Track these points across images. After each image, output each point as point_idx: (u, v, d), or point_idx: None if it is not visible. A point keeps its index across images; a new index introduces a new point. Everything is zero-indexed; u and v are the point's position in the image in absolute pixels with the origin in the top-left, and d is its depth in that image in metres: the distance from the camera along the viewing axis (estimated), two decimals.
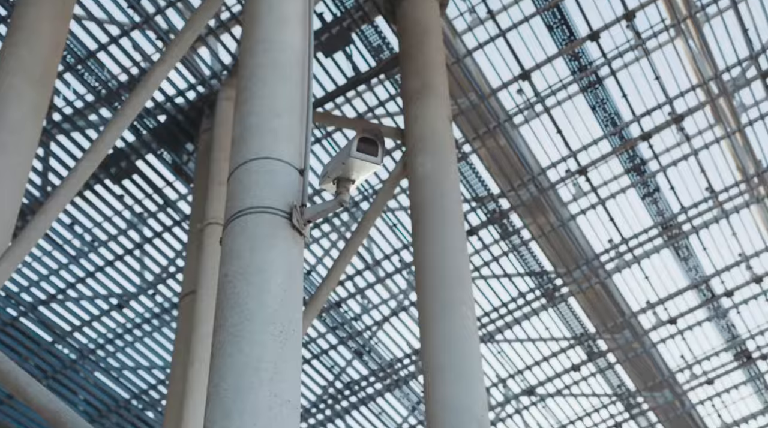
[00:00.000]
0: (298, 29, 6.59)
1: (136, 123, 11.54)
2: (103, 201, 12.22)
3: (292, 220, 5.50)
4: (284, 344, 4.96)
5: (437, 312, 7.88)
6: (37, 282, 13.06)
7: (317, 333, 14.48)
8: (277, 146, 5.82)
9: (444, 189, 8.72)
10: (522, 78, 12.48)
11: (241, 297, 5.11)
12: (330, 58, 11.62)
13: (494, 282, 14.64)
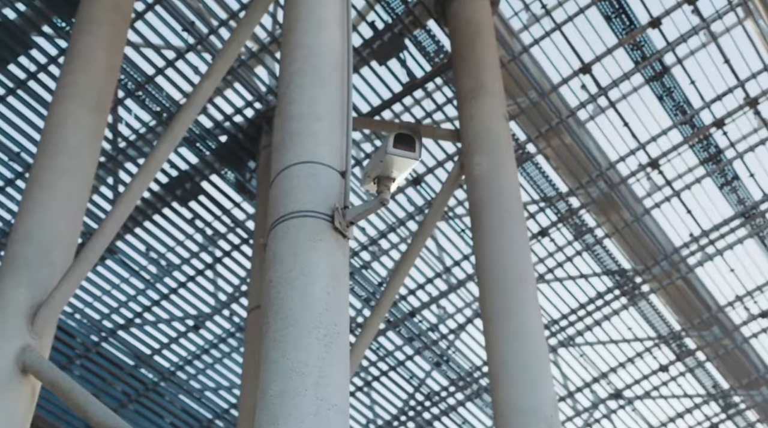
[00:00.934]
0: (337, 33, 6.55)
1: (198, 144, 11.67)
2: (173, 224, 12.37)
3: (335, 223, 5.43)
4: (329, 347, 4.88)
5: (500, 312, 7.70)
6: (116, 309, 13.29)
7: (394, 345, 14.37)
8: (317, 150, 5.77)
9: (501, 187, 8.53)
10: (582, 72, 12.18)
11: (285, 302, 5.06)
12: (384, 65, 11.55)
13: (570, 284, 14.29)
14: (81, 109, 8.23)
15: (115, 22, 9.18)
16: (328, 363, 4.81)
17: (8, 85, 10.78)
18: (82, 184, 7.72)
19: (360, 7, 11.45)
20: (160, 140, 7.44)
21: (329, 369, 4.80)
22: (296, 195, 5.53)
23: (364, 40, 11.38)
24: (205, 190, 12.05)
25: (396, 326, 14.05)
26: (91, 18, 9.14)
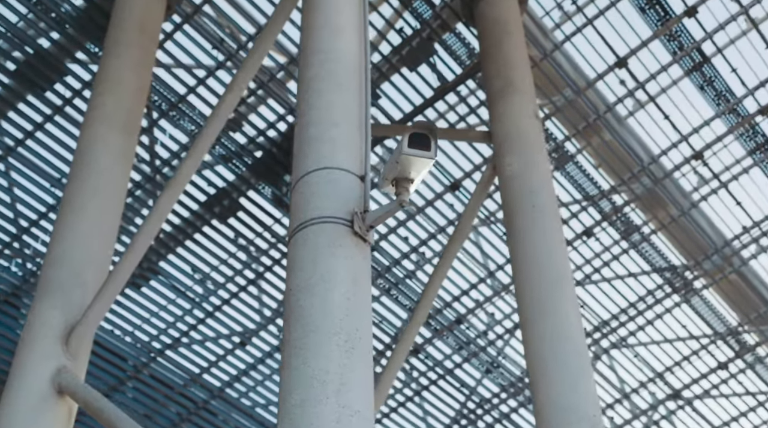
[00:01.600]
0: (354, 38, 6.51)
1: (234, 161, 11.72)
2: (214, 242, 12.43)
3: (354, 227, 5.36)
4: (351, 353, 4.80)
5: (537, 312, 7.55)
6: (165, 330, 13.37)
7: (443, 354, 14.23)
8: (335, 155, 5.72)
9: (533, 186, 8.38)
10: (618, 66, 11.96)
11: (305, 309, 4.99)
12: (415, 71, 11.47)
13: (619, 284, 14.01)
14: (110, 130, 8.30)
15: (142, 44, 9.27)
16: (349, 370, 4.73)
17: (46, 112, 10.93)
18: (114, 204, 7.78)
19: (388, 16, 11.42)
20: (187, 155, 7.45)
21: (351, 375, 4.71)
22: (315, 201, 5.48)
23: (393, 47, 11.32)
24: (243, 205, 12.08)
25: (443, 334, 13.91)
26: (118, 41, 9.24)
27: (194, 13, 10.50)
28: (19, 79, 10.74)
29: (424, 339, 14.02)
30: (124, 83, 8.75)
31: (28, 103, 10.91)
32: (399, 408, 14.65)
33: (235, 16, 10.80)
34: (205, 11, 10.62)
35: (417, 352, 14.11)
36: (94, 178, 7.83)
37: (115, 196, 7.80)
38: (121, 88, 8.69)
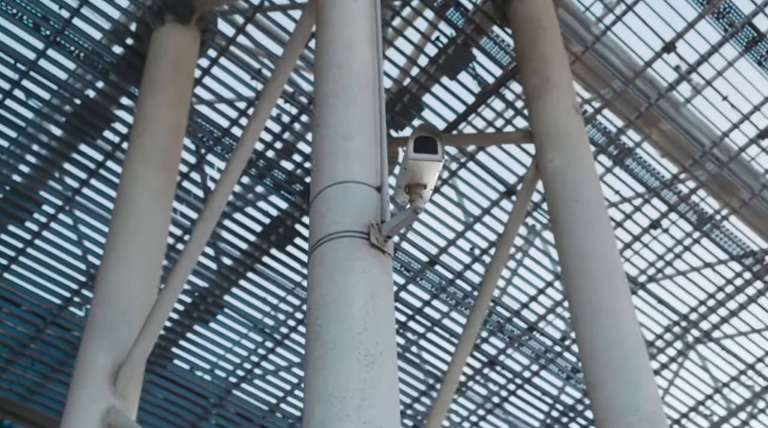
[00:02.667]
0: (367, 50, 6.43)
1: (284, 189, 11.75)
2: (275, 271, 12.47)
3: (371, 239, 5.24)
4: (371, 367, 4.68)
5: (588, 309, 7.27)
6: (240, 364, 13.44)
7: (521, 365, 13.94)
8: (350, 169, 5.63)
9: (576, 181, 8.13)
10: (666, 51, 11.58)
11: (323, 327, 4.90)
12: (455, 80, 11.33)
13: (695, 276, 13.50)
14: (149, 169, 8.41)
15: (177, 82, 9.40)
16: (370, 385, 4.60)
17: (97, 159, 11.16)
18: (156, 242, 7.85)
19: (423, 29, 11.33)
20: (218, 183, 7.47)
21: (372, 390, 4.59)
22: (331, 217, 5.39)
23: (430, 58, 11.22)
24: (300, 232, 12.09)
25: (516, 343, 13.63)
26: (153, 81, 9.40)
27: (228, 46, 10.59)
28: (71, 131, 10.99)
29: (498, 350, 13.76)
30: (160, 122, 8.87)
31: (81, 153, 11.15)
32: (481, 422, 14.39)
33: (270, 44, 10.86)
34: (240, 43, 10.70)
35: (493, 364, 13.86)
36: (135, 217, 7.92)
37: (157, 233, 7.87)
38: (158, 126, 8.81)
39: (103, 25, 10.38)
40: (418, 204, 5.24)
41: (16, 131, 10.93)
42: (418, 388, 13.97)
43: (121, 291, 7.38)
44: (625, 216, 12.74)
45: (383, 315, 5.00)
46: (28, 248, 11.68)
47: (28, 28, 10.25)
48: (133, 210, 8.04)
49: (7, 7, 10.07)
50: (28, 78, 10.46)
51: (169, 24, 9.97)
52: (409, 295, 13.14)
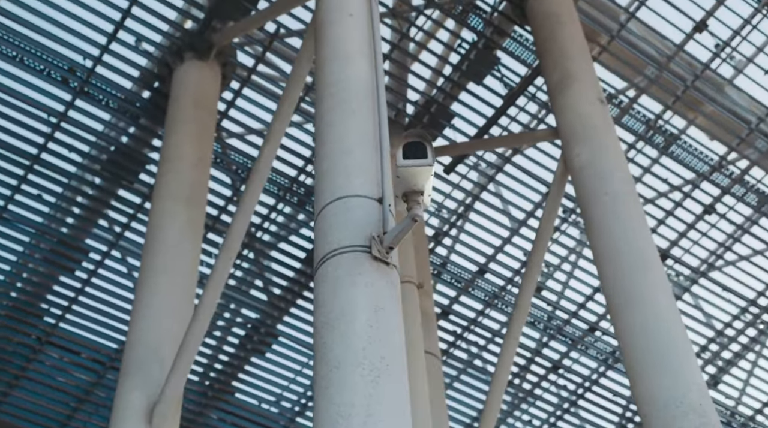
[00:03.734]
0: (365, 64, 6.35)
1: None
2: None
3: (373, 252, 5.14)
4: (376, 383, 4.56)
5: (624, 302, 7.03)
6: (303, 393, 13.43)
7: (589, 369, 13.61)
8: (350, 183, 5.54)
9: (604, 172, 7.90)
10: (698, 31, 11.25)
11: (327, 345, 4.81)
12: (482, 85, 11.19)
13: (758, 259, 13.01)
14: (175, 205, 8.47)
15: (199, 118, 9.48)
16: (376, 401, 4.49)
17: (136, 202, 11.30)
18: (186, 277, 7.87)
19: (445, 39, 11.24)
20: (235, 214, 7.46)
21: (378, 406, 4.47)
22: (332, 234, 5.31)
23: (453, 65, 11.11)
24: None
25: (579, 345, 13.31)
26: (176, 118, 9.50)
27: (249, 76, 10.65)
28: (109, 178, 11.16)
29: (561, 354, 13.47)
30: (184, 158, 8.94)
31: (119, 198, 11.32)
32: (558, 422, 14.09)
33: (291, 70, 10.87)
34: (261, 71, 10.75)
35: (556, 369, 13.56)
36: (163, 254, 7.97)
37: (186, 268, 7.89)
38: (181, 163, 8.88)
39: (129, 71, 10.54)
40: (416, 211, 5.12)
41: (59, 185, 11.12)
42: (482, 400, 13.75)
43: (152, 328, 7.41)
44: (675, 205, 12.38)
45: (388, 328, 4.88)
46: (80, 296, 11.88)
47: (56, 81, 10.48)
48: (161, 247, 8.09)
49: (35, 63, 10.29)
50: (60, 130, 10.67)
51: (189, 61, 10.07)
52: (463, 307, 12.98)
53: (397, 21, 10.92)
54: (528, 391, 13.83)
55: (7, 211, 11.13)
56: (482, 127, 11.17)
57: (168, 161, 8.99)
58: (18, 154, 10.76)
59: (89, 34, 10.19)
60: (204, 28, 10.08)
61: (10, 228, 11.28)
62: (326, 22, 6.76)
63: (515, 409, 14.05)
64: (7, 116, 10.53)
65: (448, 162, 11.52)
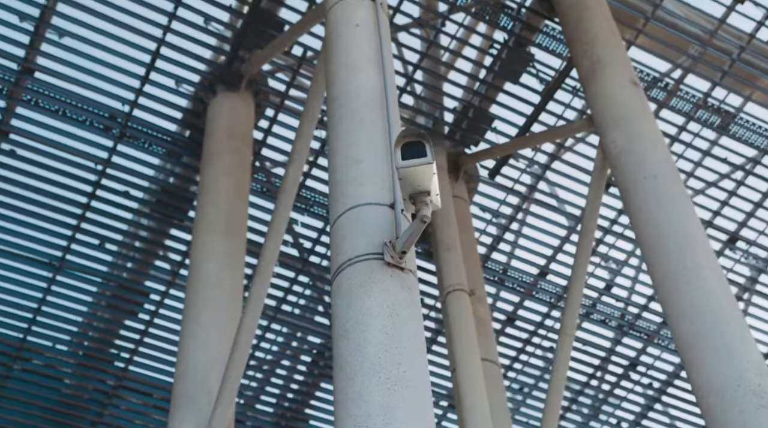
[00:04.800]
0: (373, 71, 6.28)
1: None
2: None
3: (385, 258, 5.02)
4: (393, 391, 4.44)
5: (671, 286, 6.73)
6: None
7: (672, 364, 13.16)
8: (361, 192, 5.45)
9: (642, 156, 7.63)
10: (739, 1, 10.85)
11: (344, 357, 4.70)
12: (518, 84, 11.00)
13: None
14: (214, 237, 8.50)
15: (234, 148, 9.54)
16: (393, 408, 4.36)
17: (186, 239, 11.38)
18: (228, 308, 7.85)
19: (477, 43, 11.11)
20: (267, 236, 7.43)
21: (395, 413, 4.34)
22: (345, 244, 5.21)
23: (487, 68, 10.95)
24: None
25: (654, 339, 12.88)
26: (211, 151, 9.58)
27: (282, 102, 10.67)
28: (158, 219, 11.30)
29: (638, 350, 13.05)
30: (220, 189, 8.98)
31: (171, 237, 11.45)
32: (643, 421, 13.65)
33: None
34: (293, 96, 10.76)
35: (634, 366, 13.14)
36: (205, 286, 7.99)
37: (227, 300, 7.88)
38: (218, 194, 8.93)
39: (165, 111, 10.66)
40: (424, 212, 4.97)
41: (118, 233, 11.30)
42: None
43: (198, 361, 7.42)
44: (737, 184, 11.91)
45: (405, 334, 4.74)
46: (145, 337, 12.02)
47: (99, 130, 10.67)
48: (202, 279, 8.12)
49: (76, 115, 10.51)
50: (107, 177, 10.85)
51: (221, 94, 10.17)
52: (529, 312, 12.71)
53: (425, 30, 10.82)
54: (608, 392, 13.44)
55: (66, 262, 11.35)
56: (523, 126, 10.96)
57: (205, 194, 9.05)
58: (69, 203, 10.97)
59: (123, 79, 10.37)
60: (232, 60, 10.15)
61: (70, 277, 11.49)
62: (334, 34, 6.72)
63: (598, 412, 13.66)
64: (55, 169, 10.76)
65: (492, 166, 11.33)
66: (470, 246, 10.50)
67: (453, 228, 10.01)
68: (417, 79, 11.05)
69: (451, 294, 9.34)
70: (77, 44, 10.18)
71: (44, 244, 11.20)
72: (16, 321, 11.71)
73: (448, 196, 10.42)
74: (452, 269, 9.60)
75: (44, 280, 11.42)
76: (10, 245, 11.19)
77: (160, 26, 10.05)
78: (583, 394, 13.41)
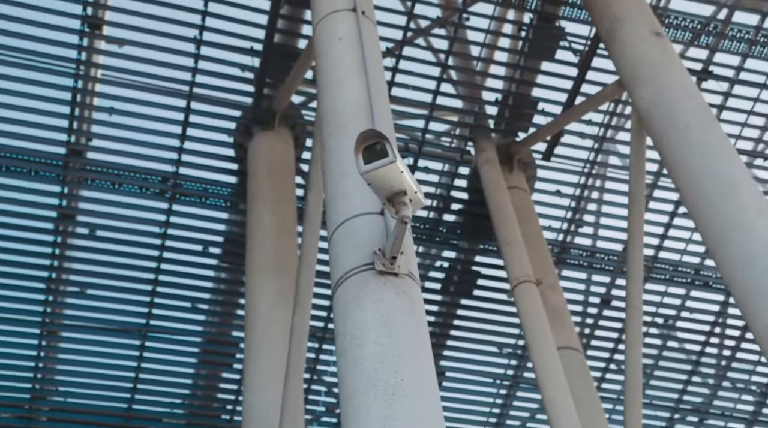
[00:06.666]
0: (356, 83, 6.16)
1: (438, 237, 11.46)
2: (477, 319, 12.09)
3: (376, 267, 4.86)
4: (391, 401, 4.26)
5: (719, 232, 6.28)
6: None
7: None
8: (349, 205, 5.33)
9: (670, 107, 7.24)
10: None
11: (343, 375, 4.57)
12: (554, 61, 10.64)
13: None
14: (263, 277, 8.53)
15: (275, 185, 9.59)
16: (391, 419, 4.18)
17: None
18: (282, 346, 7.79)
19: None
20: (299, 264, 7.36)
21: (394, 423, 4.16)
22: (339, 261, 5.08)
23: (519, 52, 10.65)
24: (478, 272, 11.67)
25: None
26: (253, 193, 9.69)
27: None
28: (231, 268, 11.43)
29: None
30: (265, 228, 9.02)
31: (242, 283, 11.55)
32: None
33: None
34: None
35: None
36: (260, 327, 8.02)
37: (281, 337, 7.83)
38: (264, 234, 8.97)
39: (211, 163, 10.81)
40: (403, 213, 4.78)
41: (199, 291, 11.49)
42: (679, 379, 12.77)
43: (260, 400, 7.43)
44: None
45: (402, 340, 4.55)
46: (241, 386, 12.12)
47: (155, 195, 10.90)
48: (256, 319, 8.15)
49: (131, 187, 10.77)
50: (170, 238, 11.06)
51: (257, 135, 10.23)
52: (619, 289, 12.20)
53: (446, 28, 10.62)
54: (729, 357, 12.73)
55: (151, 327, 11.60)
56: (566, 101, 10.57)
57: (252, 236, 9.10)
58: (141, 270, 11.24)
59: (164, 141, 10.58)
60: (259, 99, 10.21)
61: (158, 341, 11.73)
62: (319, 52, 6.66)
63: (722, 379, 12.93)
64: (119, 240, 11.04)
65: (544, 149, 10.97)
66: (535, 234, 10.18)
67: (511, 221, 9.71)
68: (451, 79, 10.84)
69: (518, 287, 9.04)
70: (114, 118, 10.48)
71: (127, 314, 11.48)
72: (119, 392, 12.02)
73: (502, 189, 10.14)
74: (516, 262, 9.30)
75: (134, 348, 11.70)
76: (96, 321, 11.51)
77: (185, 82, 10.22)
78: (701, 364, 12.74)
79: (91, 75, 10.29)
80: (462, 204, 11.24)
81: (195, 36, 10.01)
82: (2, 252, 10.88)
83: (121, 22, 10.09)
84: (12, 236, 10.84)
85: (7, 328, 11.19)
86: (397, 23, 10.33)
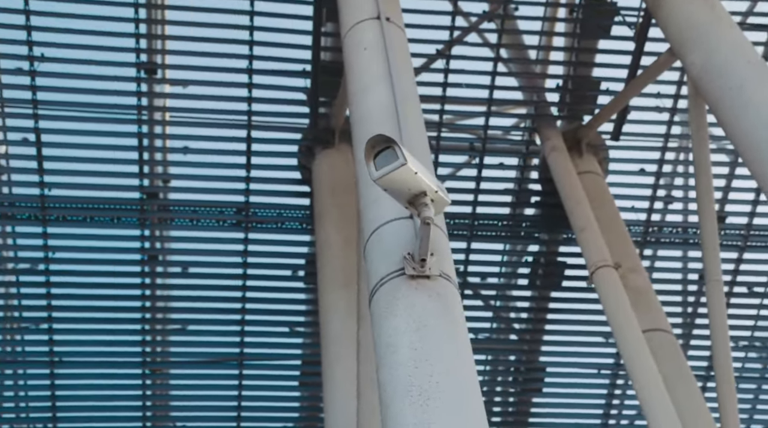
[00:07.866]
0: (383, 88, 6.16)
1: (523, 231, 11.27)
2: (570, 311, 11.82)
3: (407, 272, 4.79)
4: (426, 405, 4.19)
5: None
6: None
7: None
8: (381, 212, 5.30)
9: (722, 69, 6.91)
10: None
11: (382, 385, 4.53)
12: (609, 38, 10.34)
13: None
14: (334, 294, 8.59)
15: (338, 203, 9.68)
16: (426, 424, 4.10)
17: None
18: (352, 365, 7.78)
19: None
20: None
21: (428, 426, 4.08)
22: (373, 270, 5.03)
23: (572, 34, 10.41)
24: (563, 262, 11.40)
25: None
26: (319, 213, 9.76)
27: None
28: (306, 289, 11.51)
29: None
30: (332, 246, 9.08)
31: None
32: None
33: None
34: None
35: None
36: (333, 344, 8.05)
37: (353, 353, 7.82)
38: (331, 251, 9.04)
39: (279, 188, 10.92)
40: (425, 214, 4.71)
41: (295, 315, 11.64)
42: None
43: (339, 416, 7.44)
44: None
45: (435, 342, 4.47)
46: None
47: (233, 226, 11.10)
48: (330, 336, 8.19)
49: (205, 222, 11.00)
50: (251, 266, 11.22)
51: (319, 154, 10.30)
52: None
53: (495, 22, 10.45)
54: None
55: (245, 355, 11.77)
56: (627, 77, 10.23)
57: (322, 255, 9.18)
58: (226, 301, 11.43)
59: (231, 172, 10.76)
60: (316, 118, 10.27)
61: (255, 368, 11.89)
62: (347, 63, 6.69)
63: None
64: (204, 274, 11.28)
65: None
66: (612, 218, 9.87)
67: (582, 206, 9.44)
68: (507, 72, 10.66)
69: (596, 273, 8.78)
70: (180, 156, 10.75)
71: (221, 345, 11.69)
72: (225, 422, 12.25)
73: (571, 175, 9.88)
74: (591, 248, 9.03)
75: (233, 378, 11.90)
76: (194, 356, 11.77)
77: (243, 112, 10.37)
78: None
79: (155, 118, 10.58)
80: (537, 196, 11.02)
81: (246, 66, 10.17)
82: (96, 299, 11.27)
83: (175, 63, 10.35)
84: (103, 283, 11.23)
85: (108, 371, 11.55)
86: (444, 24, 10.25)
